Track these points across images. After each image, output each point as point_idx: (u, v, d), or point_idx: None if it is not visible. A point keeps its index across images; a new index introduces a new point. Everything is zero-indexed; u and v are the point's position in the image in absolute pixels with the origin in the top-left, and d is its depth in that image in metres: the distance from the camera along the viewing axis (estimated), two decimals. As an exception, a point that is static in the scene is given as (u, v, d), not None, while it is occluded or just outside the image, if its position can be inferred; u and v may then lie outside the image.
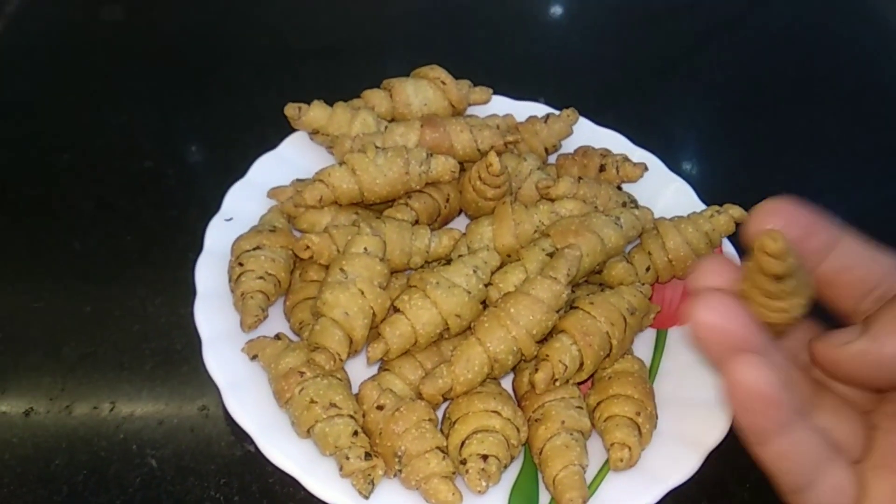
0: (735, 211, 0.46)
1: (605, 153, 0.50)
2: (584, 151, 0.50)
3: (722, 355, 0.25)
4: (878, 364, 0.26)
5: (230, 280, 0.42)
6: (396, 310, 0.40)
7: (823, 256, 0.27)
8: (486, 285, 0.41)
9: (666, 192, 0.50)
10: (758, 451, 0.26)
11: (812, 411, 0.28)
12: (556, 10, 0.74)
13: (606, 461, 0.38)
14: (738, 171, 0.59)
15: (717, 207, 0.46)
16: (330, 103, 0.51)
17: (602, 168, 0.49)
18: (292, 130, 0.51)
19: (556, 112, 0.53)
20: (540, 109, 0.54)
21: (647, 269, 0.45)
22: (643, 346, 0.44)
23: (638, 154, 0.52)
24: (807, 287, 0.25)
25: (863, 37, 0.73)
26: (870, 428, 0.29)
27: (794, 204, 0.27)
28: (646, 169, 0.50)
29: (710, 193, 0.51)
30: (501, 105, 0.54)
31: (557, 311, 0.39)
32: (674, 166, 0.52)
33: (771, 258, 0.24)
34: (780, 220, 0.26)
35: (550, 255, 0.42)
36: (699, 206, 0.49)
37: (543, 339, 0.40)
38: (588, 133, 0.53)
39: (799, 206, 0.27)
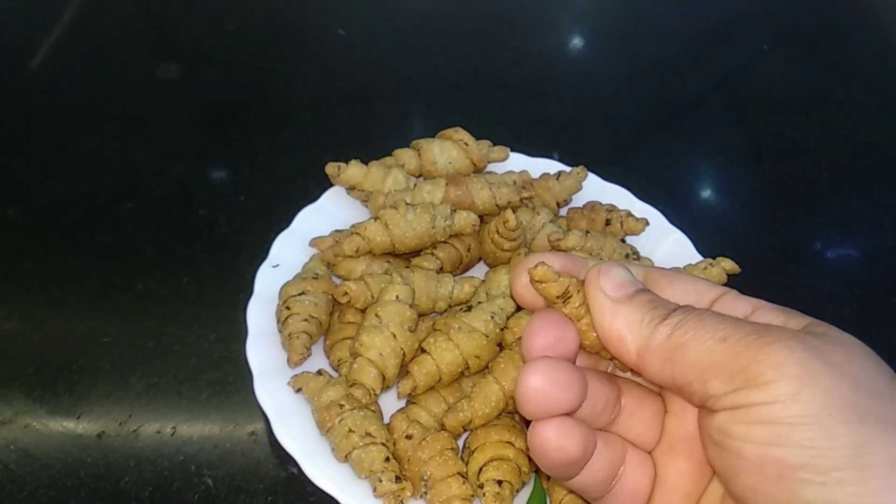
0: (727, 263, 0.51)
1: (611, 208, 0.55)
2: (592, 207, 0.56)
3: (537, 414, 0.26)
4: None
5: (278, 321, 0.48)
6: (423, 351, 0.45)
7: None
8: (501, 329, 0.47)
9: (665, 243, 0.55)
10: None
11: (614, 414, 0.29)
12: (571, 71, 0.79)
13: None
14: (736, 223, 0.63)
15: (710, 260, 0.51)
16: (364, 157, 0.56)
17: (608, 222, 0.55)
18: (331, 183, 0.56)
19: (568, 169, 0.59)
20: (553, 166, 0.60)
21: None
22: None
23: (640, 207, 0.57)
24: None
25: (857, 95, 0.77)
26: (664, 413, 0.29)
27: (544, 255, 0.29)
28: (647, 224, 0.55)
29: (708, 244, 0.56)
30: (518, 162, 0.60)
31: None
32: (675, 218, 0.57)
33: (541, 284, 0.27)
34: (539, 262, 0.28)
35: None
36: (696, 256, 0.54)
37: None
38: (596, 188, 0.59)
39: (549, 256, 0.29)
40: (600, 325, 0.27)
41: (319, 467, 0.42)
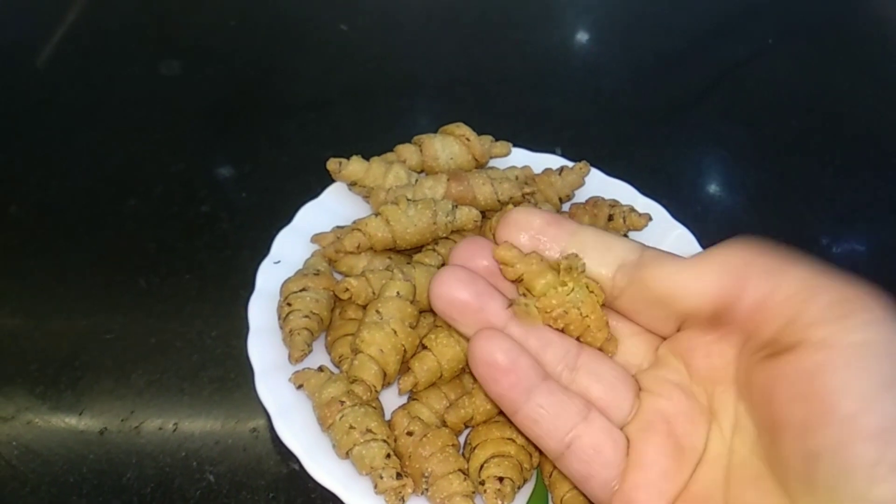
0: (730, 259, 0.50)
1: (614, 203, 0.55)
2: (595, 202, 0.55)
3: (464, 326, 0.27)
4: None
5: (279, 318, 0.48)
6: (424, 347, 0.45)
7: (563, 246, 0.29)
8: (503, 325, 0.46)
9: (668, 238, 0.55)
10: (515, 421, 0.28)
11: (572, 374, 0.29)
12: (574, 65, 0.79)
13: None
14: (740, 217, 0.63)
15: (713, 255, 0.51)
16: (366, 153, 0.56)
17: (610, 217, 0.54)
18: (332, 179, 0.56)
19: (570, 164, 0.58)
20: (555, 161, 0.59)
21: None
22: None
23: (643, 202, 0.57)
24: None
25: (864, 89, 0.76)
26: (638, 390, 0.29)
27: (526, 212, 0.29)
28: (650, 219, 0.54)
29: (712, 239, 0.55)
30: (520, 157, 0.59)
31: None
32: (679, 213, 0.57)
33: (505, 266, 0.28)
34: (511, 230, 0.29)
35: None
36: (698, 251, 0.54)
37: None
38: (599, 183, 0.58)
39: (531, 212, 0.29)
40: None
41: (321, 464, 0.42)
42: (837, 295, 0.23)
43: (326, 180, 0.56)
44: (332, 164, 0.55)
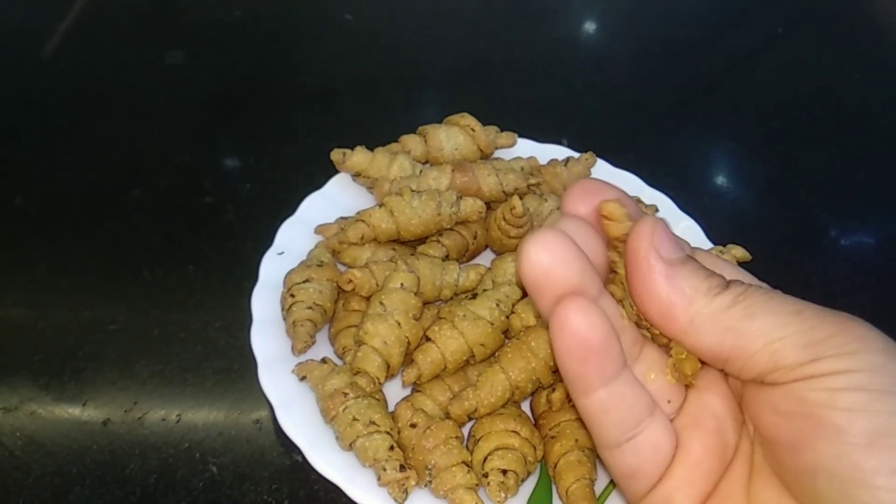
0: (738, 251, 0.50)
1: (620, 195, 0.54)
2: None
3: (550, 299, 0.24)
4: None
5: (282, 309, 0.48)
6: (428, 339, 0.45)
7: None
8: (507, 317, 0.46)
9: (675, 230, 0.54)
10: (580, 403, 0.25)
11: (634, 364, 0.27)
12: (580, 56, 0.78)
13: (614, 477, 0.43)
14: (748, 210, 0.62)
15: (721, 248, 0.50)
16: (371, 143, 0.56)
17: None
18: (337, 170, 0.55)
19: (576, 155, 0.58)
20: (561, 152, 0.59)
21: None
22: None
23: (650, 193, 0.57)
24: None
25: (873, 80, 0.75)
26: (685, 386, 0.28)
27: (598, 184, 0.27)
28: (657, 210, 0.54)
29: (719, 232, 0.54)
30: (526, 148, 0.59)
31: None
32: (686, 205, 0.56)
33: (608, 221, 0.25)
34: (591, 201, 0.26)
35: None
36: (707, 244, 0.53)
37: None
38: (605, 174, 0.58)
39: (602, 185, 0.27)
40: (650, 287, 0.25)
41: (324, 456, 0.42)
42: (805, 341, 0.23)
43: (331, 171, 0.56)
44: (335, 155, 0.55)
